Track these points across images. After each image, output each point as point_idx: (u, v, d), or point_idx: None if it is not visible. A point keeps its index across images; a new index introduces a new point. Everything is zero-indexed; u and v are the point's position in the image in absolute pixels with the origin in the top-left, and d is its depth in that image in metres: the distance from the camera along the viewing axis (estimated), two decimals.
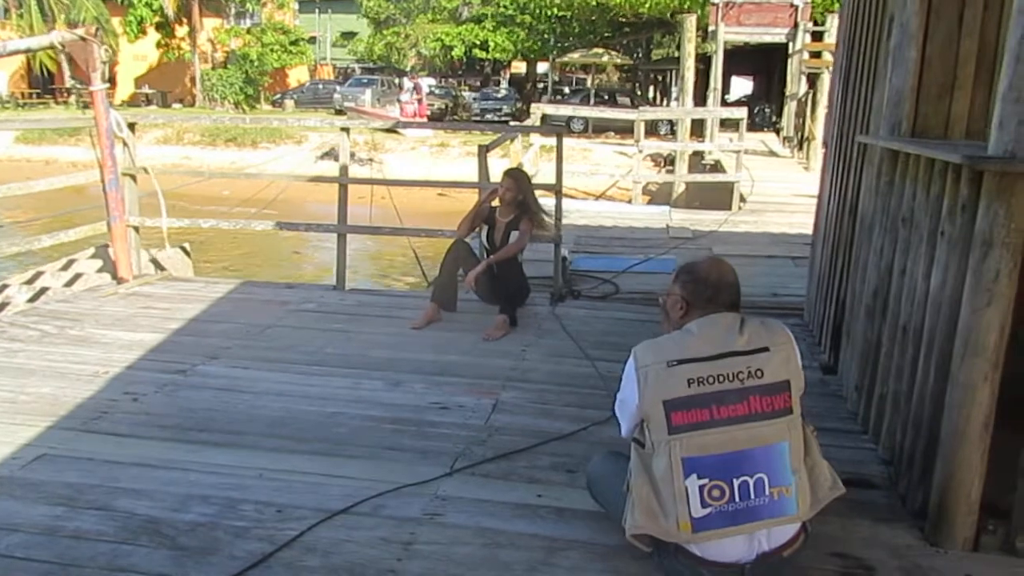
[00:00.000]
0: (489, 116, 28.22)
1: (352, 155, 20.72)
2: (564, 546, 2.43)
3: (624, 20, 25.01)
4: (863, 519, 2.62)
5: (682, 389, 2.13)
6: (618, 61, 30.97)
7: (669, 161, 18.23)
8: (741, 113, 10.02)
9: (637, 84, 39.41)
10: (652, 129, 21.56)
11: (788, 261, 6.77)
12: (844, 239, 4.16)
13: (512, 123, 26.41)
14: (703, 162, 13.45)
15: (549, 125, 9.99)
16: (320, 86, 36.33)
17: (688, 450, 2.11)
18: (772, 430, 2.14)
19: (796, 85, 15.45)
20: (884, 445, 3.08)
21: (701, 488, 2.10)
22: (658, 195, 13.52)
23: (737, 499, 2.10)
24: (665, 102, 37.92)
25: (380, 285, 10.24)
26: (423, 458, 2.98)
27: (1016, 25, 2.16)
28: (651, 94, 37.50)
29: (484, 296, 4.92)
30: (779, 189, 10.83)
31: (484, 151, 5.84)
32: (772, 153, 13.31)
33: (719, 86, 15.45)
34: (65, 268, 6.09)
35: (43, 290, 5.55)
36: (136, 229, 5.79)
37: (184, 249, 6.49)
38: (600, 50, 28.66)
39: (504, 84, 40.81)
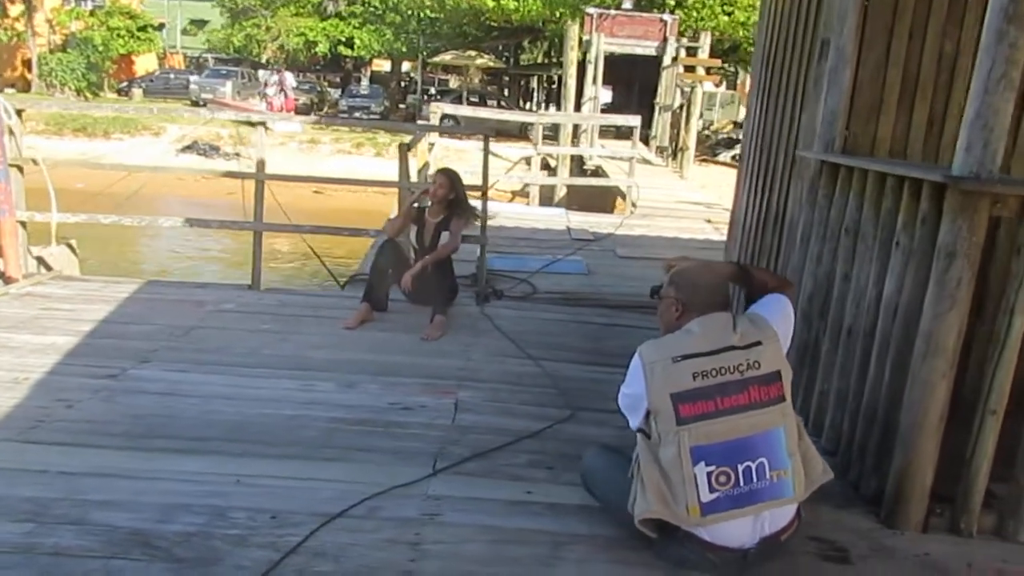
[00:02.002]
0: (357, 114, 27.74)
1: (216, 149, 20.05)
2: (567, 540, 2.49)
3: (494, 25, 25.29)
4: (825, 505, 2.82)
5: (688, 382, 2.28)
6: (491, 64, 31.26)
7: (544, 165, 18.67)
8: (635, 121, 10.41)
9: (502, 88, 39.94)
10: (522, 133, 21.95)
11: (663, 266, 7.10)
12: (768, 247, 4.44)
13: (378, 120, 26.22)
14: (584, 167, 13.86)
15: (471, 127, 9.95)
16: (172, 76, 34.58)
17: (696, 439, 2.25)
18: (770, 417, 2.30)
19: (671, 97, 16.20)
20: (827, 437, 3.33)
21: (709, 475, 2.24)
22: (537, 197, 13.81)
23: (742, 483, 2.25)
24: (529, 107, 38.65)
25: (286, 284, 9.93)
26: (400, 459, 2.96)
27: (984, 60, 2.41)
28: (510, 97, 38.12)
29: (414, 296, 4.89)
30: (662, 196, 11.33)
31: (405, 149, 5.79)
32: (646, 161, 13.88)
33: (599, 95, 15.95)
34: None
35: None
36: (23, 225, 5.35)
37: (70, 246, 6.05)
38: (473, 52, 28.83)
39: (365, 82, 40.25)
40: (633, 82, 27.82)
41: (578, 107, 15.41)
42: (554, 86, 38.80)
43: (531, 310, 5.32)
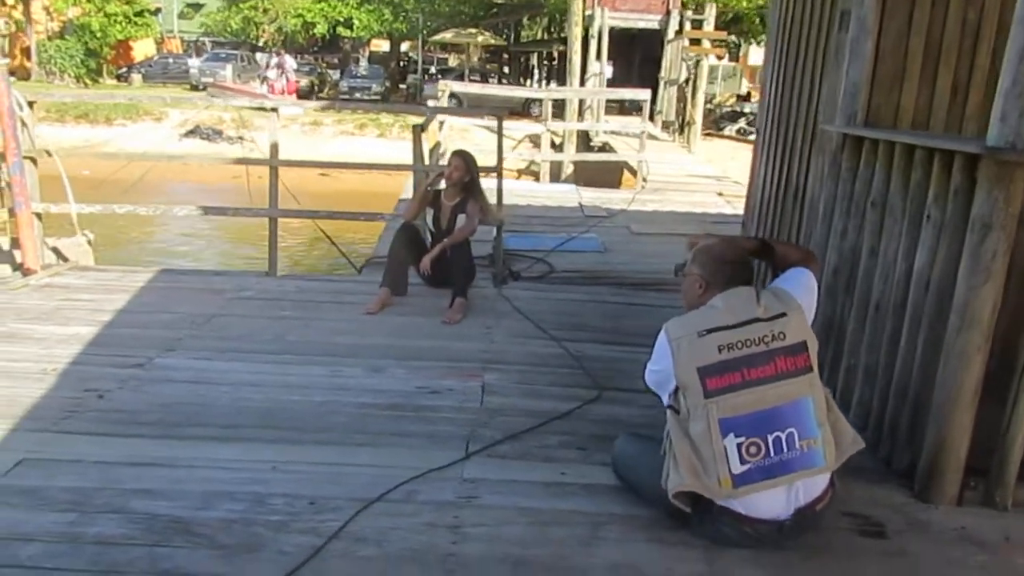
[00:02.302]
0: (358, 95, 27.60)
1: (220, 134, 19.97)
2: (605, 520, 2.50)
3: (494, 1, 25.09)
4: (857, 481, 2.83)
5: (714, 356, 2.29)
6: (492, 42, 31.07)
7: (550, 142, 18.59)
8: (645, 95, 10.34)
9: (502, 65, 39.70)
10: (524, 110, 21.84)
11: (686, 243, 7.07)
12: (788, 222, 4.43)
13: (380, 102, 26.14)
14: (591, 143, 13.80)
15: (477, 105, 9.87)
16: (170, 60, 34.31)
17: (724, 411, 2.27)
18: (797, 387, 2.31)
19: (677, 71, 16.09)
20: (855, 413, 3.32)
21: (739, 446, 2.26)
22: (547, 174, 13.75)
23: (772, 454, 2.26)
24: (529, 83, 38.45)
25: (293, 268, 9.95)
26: (433, 443, 2.97)
27: (1018, 30, 2.38)
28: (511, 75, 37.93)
29: (432, 280, 4.89)
30: (672, 170, 11.29)
31: (419, 131, 5.76)
32: (652, 136, 13.80)
33: (604, 70, 15.85)
34: None
35: None
36: (39, 216, 5.35)
37: (86, 236, 6.04)
38: (473, 30, 28.65)
39: (364, 62, 40.01)
40: (633, 56, 27.62)
41: (582, 83, 15.29)
42: (554, 62, 38.60)
43: (549, 290, 5.31)
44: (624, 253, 6.54)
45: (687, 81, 15.18)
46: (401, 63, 37.74)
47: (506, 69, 40.39)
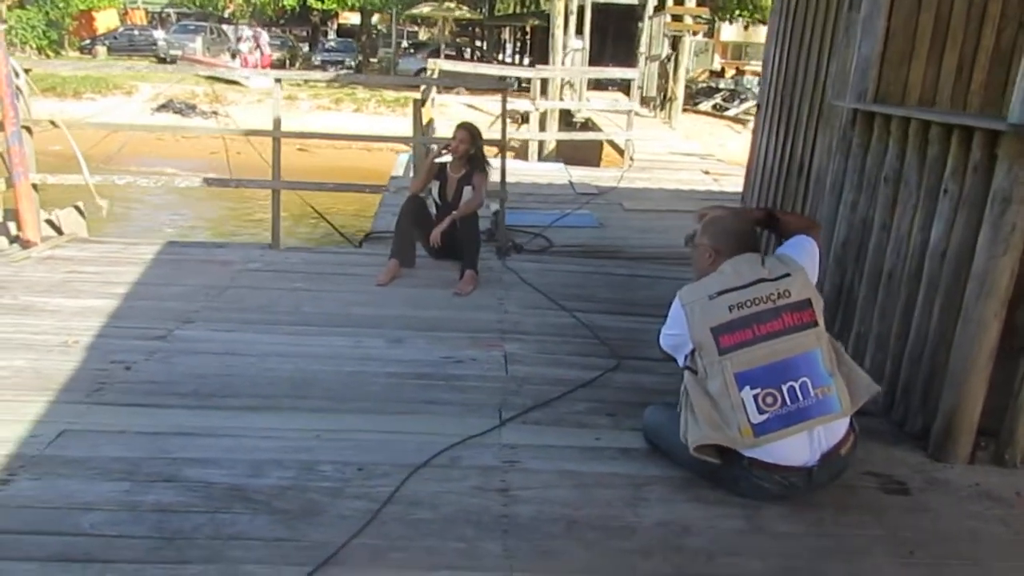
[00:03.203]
0: (332, 68, 27.27)
1: (193, 108, 19.64)
2: (645, 481, 2.60)
3: None
4: (875, 443, 2.96)
5: (725, 315, 2.45)
6: (469, 16, 30.80)
7: (525, 119, 18.55)
8: (633, 74, 10.38)
9: (474, 40, 39.36)
10: (500, 84, 21.70)
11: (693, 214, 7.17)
12: (791, 196, 4.54)
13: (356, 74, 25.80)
14: (573, 120, 13.82)
15: (496, 80, 9.78)
16: (135, 32, 33.47)
17: (738, 366, 2.42)
18: (805, 339, 2.46)
19: (660, 47, 16.13)
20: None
21: (756, 397, 2.40)
22: (521, 151, 13.76)
23: (788, 402, 2.41)
24: (502, 58, 38.23)
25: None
26: (468, 411, 3.04)
27: None
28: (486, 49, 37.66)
29: (437, 252, 4.92)
30: (657, 148, 11.37)
31: (419, 105, 5.77)
32: (620, 111, 13.84)
33: (585, 45, 15.84)
34: None
35: None
36: (35, 187, 5.28)
37: (78, 208, 5.98)
38: (452, 4, 28.39)
39: (332, 35, 39.42)
40: (607, 32, 27.59)
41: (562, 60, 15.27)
42: (527, 37, 38.38)
43: (552, 263, 5.39)
44: (619, 228, 6.63)
45: (669, 57, 15.25)
46: (371, 36, 37.25)
47: (478, 43, 40.13)
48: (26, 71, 5.21)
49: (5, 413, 2.83)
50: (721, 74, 29.28)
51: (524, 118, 18.54)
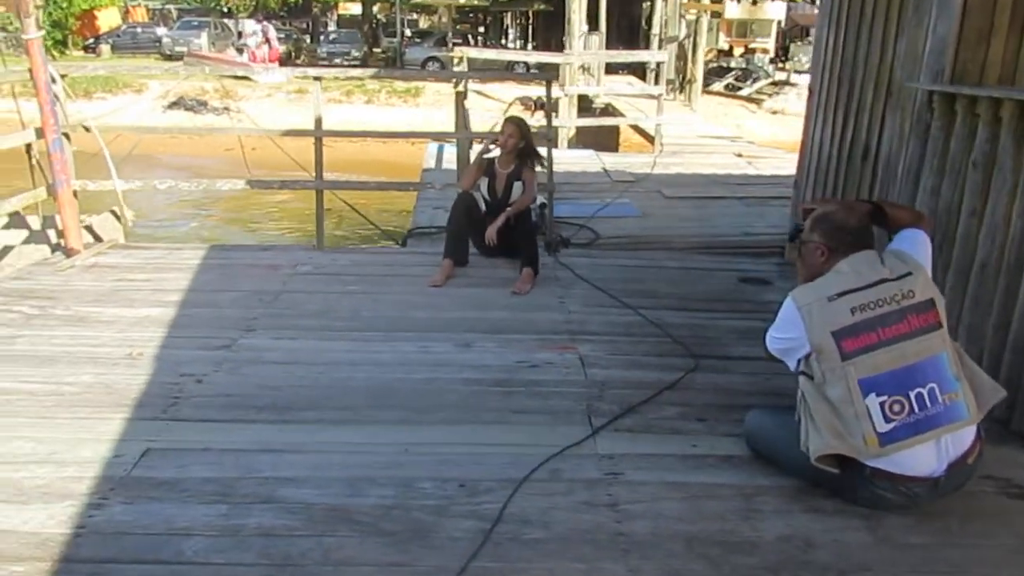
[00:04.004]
0: (337, 60, 27.15)
1: (204, 104, 19.52)
2: (755, 491, 2.50)
3: None
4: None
5: (847, 318, 2.32)
6: (475, 2, 30.58)
7: (540, 105, 18.36)
8: (662, 57, 10.21)
9: (475, 26, 39.12)
10: (509, 68, 21.57)
11: (735, 201, 7.08)
12: (855, 182, 4.41)
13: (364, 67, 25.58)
14: (593, 106, 13.67)
15: (542, 72, 9.62)
16: (139, 30, 33.36)
17: (863, 372, 2.29)
18: (932, 343, 2.33)
19: (676, 28, 15.90)
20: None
21: (882, 405, 2.28)
22: (538, 137, 13.54)
23: (916, 410, 2.28)
24: (505, 44, 38.02)
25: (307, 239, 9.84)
26: (555, 419, 2.94)
27: None
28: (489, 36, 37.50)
29: (488, 250, 4.81)
30: (683, 131, 11.22)
31: (462, 98, 5.64)
32: (651, 96, 13.68)
33: (602, 30, 15.63)
34: None
35: None
36: (75, 194, 5.19)
37: (114, 213, 5.89)
38: None
39: (333, 26, 39.14)
40: (611, 14, 27.31)
41: (562, 45, 15.06)
42: (530, 22, 38.10)
43: (602, 256, 5.28)
44: (663, 218, 6.51)
45: (687, 38, 15.05)
46: (372, 26, 37.02)
47: (481, 30, 39.87)
48: (62, 76, 5.10)
49: (84, 432, 2.74)
50: (730, 53, 29.00)
51: (539, 104, 18.43)
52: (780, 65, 25.39)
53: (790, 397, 2.81)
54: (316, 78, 5.29)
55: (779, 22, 32.01)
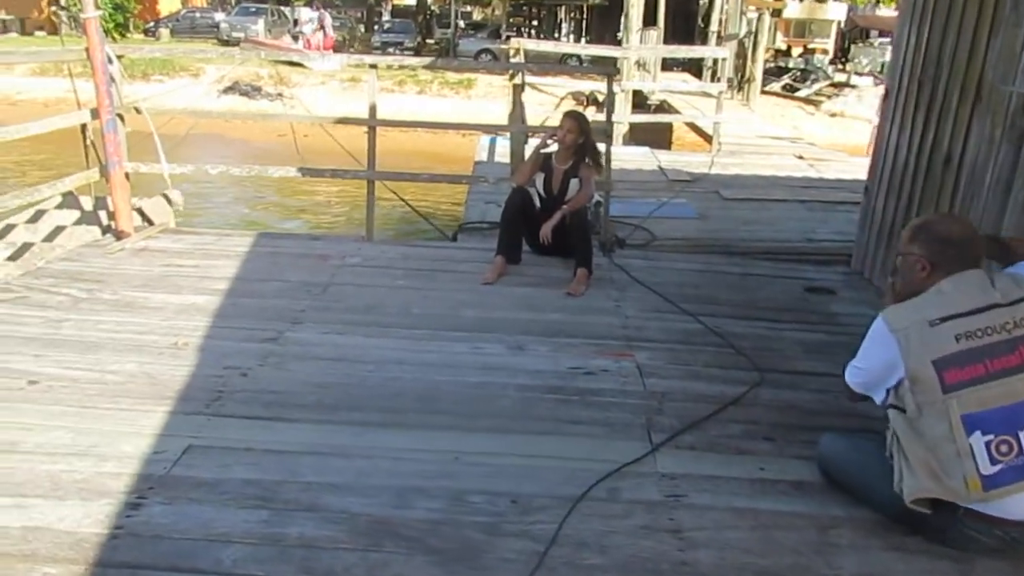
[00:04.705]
0: (391, 50, 27.10)
1: (258, 90, 19.66)
2: (829, 523, 2.32)
3: None
4: None
5: (950, 346, 2.10)
6: None
7: (592, 100, 18.12)
8: (724, 53, 9.93)
9: (529, 20, 38.89)
10: (562, 62, 21.35)
11: (797, 205, 6.82)
12: (934, 190, 4.16)
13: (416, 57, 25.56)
14: (647, 102, 13.41)
15: (600, 66, 9.48)
16: (197, 15, 33.80)
17: (967, 407, 2.07)
18: None
19: (736, 26, 15.55)
20: None
21: (988, 444, 2.06)
22: (596, 133, 13.31)
23: None
24: (558, 37, 37.73)
25: (346, 229, 9.80)
26: (613, 432, 2.79)
27: None
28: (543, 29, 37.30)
29: (541, 248, 4.65)
30: (742, 131, 10.92)
31: (519, 90, 5.49)
32: (706, 94, 13.37)
33: (662, 25, 15.34)
34: (34, 220, 5.40)
35: (25, 246, 4.89)
36: (127, 175, 5.16)
37: (166, 197, 5.85)
38: None
39: (387, 16, 39.22)
40: (668, 11, 26.92)
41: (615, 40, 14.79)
42: (585, 17, 37.75)
43: (659, 259, 5.08)
44: (721, 220, 6.29)
45: (748, 35, 14.68)
46: (427, 17, 37.05)
47: (534, 23, 39.62)
48: (119, 57, 5.06)
49: (126, 425, 2.66)
50: (787, 53, 28.37)
51: (590, 99, 18.20)
52: (839, 67, 24.72)
53: (864, 419, 2.63)
54: (372, 65, 5.18)
55: (839, 23, 31.27)
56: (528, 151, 5.79)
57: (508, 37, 26.40)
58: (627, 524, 2.25)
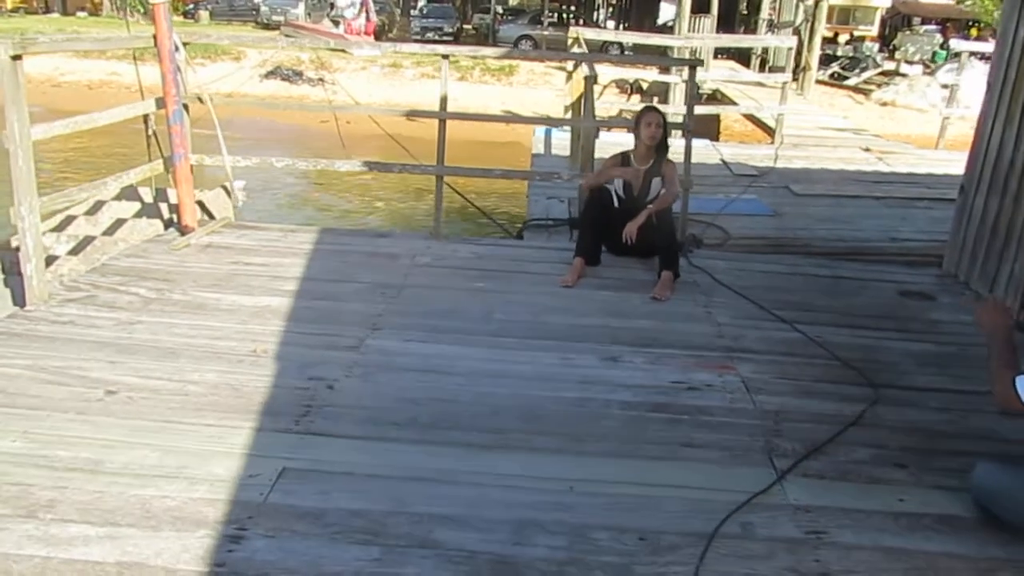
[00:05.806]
0: (429, 35, 26.91)
1: (300, 75, 19.57)
2: (990, 566, 2.12)
3: None
4: None
5: None
6: None
7: (636, 89, 17.78)
8: (791, 42, 9.60)
9: (568, 4, 38.38)
10: (603, 50, 20.99)
11: (873, 201, 6.52)
12: None
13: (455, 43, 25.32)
14: (699, 92, 13.06)
15: (677, 58, 9.25)
16: None
17: None
18: None
19: (791, 13, 15.12)
20: None
21: None
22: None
23: None
24: (596, 24, 37.19)
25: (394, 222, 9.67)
26: (732, 457, 2.59)
27: None
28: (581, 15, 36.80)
29: (620, 248, 4.43)
30: (802, 122, 10.55)
31: (591, 83, 5.26)
32: (759, 84, 13.02)
33: (715, 13, 14.94)
34: (93, 211, 5.31)
35: (87, 239, 4.78)
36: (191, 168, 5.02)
37: (226, 189, 5.72)
38: None
39: (424, 0, 38.91)
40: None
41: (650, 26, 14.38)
42: (621, 4, 37.18)
43: (739, 260, 4.85)
44: (797, 217, 6.02)
45: (804, 23, 14.24)
46: (464, 1, 36.69)
47: (572, 9, 39.12)
48: (184, 45, 4.91)
49: (214, 443, 2.51)
50: (834, 40, 27.70)
51: (635, 88, 17.86)
52: (886, 54, 24.04)
53: (1001, 442, 2.42)
54: (444, 56, 4.98)
55: (883, 10, 30.47)
56: (598, 146, 5.59)
57: (550, 25, 26.07)
58: (770, 567, 2.06)
